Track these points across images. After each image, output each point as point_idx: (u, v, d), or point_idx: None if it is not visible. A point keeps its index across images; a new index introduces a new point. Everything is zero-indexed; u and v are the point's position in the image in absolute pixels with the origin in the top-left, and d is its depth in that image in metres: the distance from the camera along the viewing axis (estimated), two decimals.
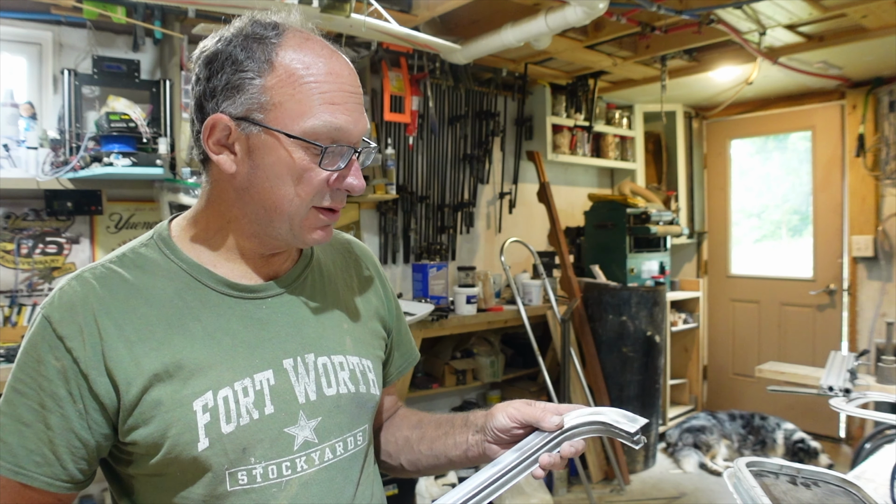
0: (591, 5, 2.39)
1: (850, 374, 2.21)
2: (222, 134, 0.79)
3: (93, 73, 2.48)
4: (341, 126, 0.78)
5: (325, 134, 0.77)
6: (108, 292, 0.78)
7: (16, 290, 2.42)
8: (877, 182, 3.92)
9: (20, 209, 2.44)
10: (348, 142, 0.79)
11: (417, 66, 3.34)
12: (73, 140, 2.38)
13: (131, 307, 0.78)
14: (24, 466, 0.74)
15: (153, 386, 0.75)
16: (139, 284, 0.80)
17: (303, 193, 0.79)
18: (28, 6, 2.35)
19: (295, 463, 0.81)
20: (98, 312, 0.76)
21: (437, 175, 3.68)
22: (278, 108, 0.76)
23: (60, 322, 0.75)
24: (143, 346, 0.76)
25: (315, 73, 0.77)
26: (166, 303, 0.80)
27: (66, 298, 0.77)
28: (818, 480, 0.99)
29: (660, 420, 3.99)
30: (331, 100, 0.77)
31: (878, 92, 3.88)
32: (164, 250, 0.84)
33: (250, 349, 0.81)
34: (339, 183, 0.81)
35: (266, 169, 0.78)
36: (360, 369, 0.90)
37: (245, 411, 0.78)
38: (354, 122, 0.79)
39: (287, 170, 0.78)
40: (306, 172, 0.78)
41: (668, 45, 3.25)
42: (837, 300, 4.18)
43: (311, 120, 0.76)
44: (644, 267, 4.07)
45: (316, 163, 0.78)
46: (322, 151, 0.77)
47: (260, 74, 0.76)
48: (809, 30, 3.06)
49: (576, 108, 4.07)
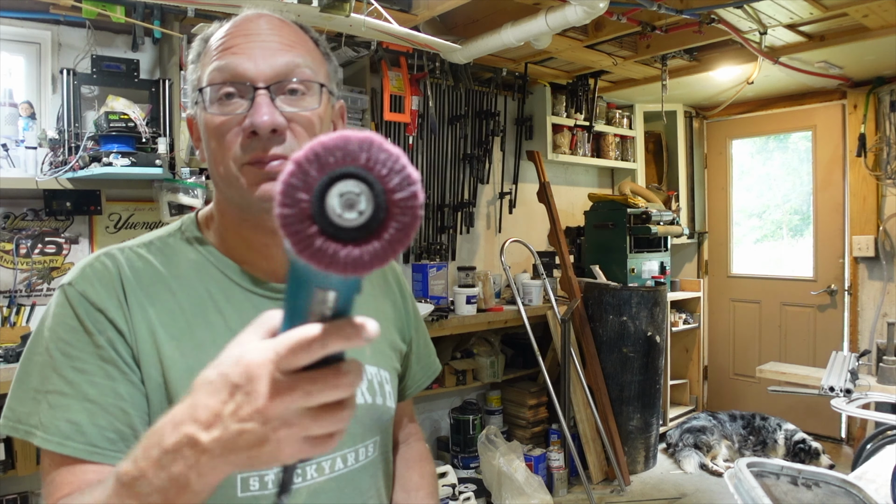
0: (592, 5, 2.38)
1: (851, 375, 2.21)
2: (196, 131, 0.81)
3: (92, 73, 2.47)
4: (230, 68, 0.73)
5: (210, 82, 0.74)
6: (135, 274, 0.76)
7: (15, 291, 2.41)
8: (878, 182, 3.91)
9: (19, 209, 2.44)
10: (244, 82, 0.74)
11: (417, 66, 3.34)
12: (72, 140, 2.37)
13: (155, 292, 0.76)
14: (96, 444, 0.70)
15: (171, 376, 0.74)
16: (165, 272, 0.78)
17: (222, 149, 0.75)
18: (27, 5, 2.35)
19: (305, 471, 0.79)
20: (128, 291, 0.74)
21: (437, 175, 3.68)
22: (196, 81, 0.78)
23: (97, 295, 0.73)
24: (165, 333, 0.75)
25: (221, 35, 0.76)
26: (191, 293, 0.78)
27: (99, 273, 0.75)
28: (819, 481, 0.98)
29: (660, 420, 3.98)
30: (223, 48, 0.75)
31: (880, 91, 3.87)
32: (191, 241, 0.83)
33: None
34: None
35: (204, 142, 0.79)
36: (377, 380, 0.89)
37: None
38: (252, 59, 0.73)
39: (207, 131, 0.76)
40: (211, 126, 0.75)
41: (669, 45, 3.25)
42: (838, 300, 4.17)
43: (206, 74, 0.75)
44: (644, 267, 4.06)
45: (210, 111, 0.74)
46: (201, 92, 0.74)
47: (195, 61, 0.79)
48: (810, 29, 3.05)
49: (576, 107, 4.07)
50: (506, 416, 3.75)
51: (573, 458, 3.42)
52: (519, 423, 3.74)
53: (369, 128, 3.14)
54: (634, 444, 3.74)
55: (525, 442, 3.64)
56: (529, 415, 3.70)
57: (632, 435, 3.73)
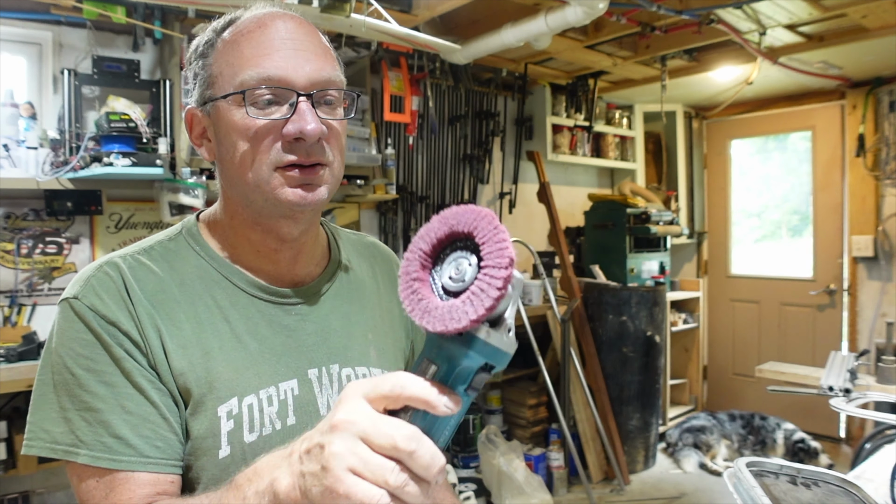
0: (591, 5, 2.38)
1: (850, 374, 2.21)
2: (199, 126, 0.80)
3: (93, 73, 2.48)
4: (270, 74, 0.74)
5: (254, 85, 0.74)
6: (139, 283, 0.75)
7: (16, 291, 2.42)
8: (877, 182, 3.92)
9: (20, 209, 2.44)
10: (288, 88, 0.75)
11: (417, 66, 3.34)
12: (72, 140, 2.38)
13: (160, 301, 0.75)
14: (147, 455, 0.70)
15: (180, 384, 0.74)
16: (168, 279, 0.77)
17: (254, 151, 0.75)
18: (28, 6, 2.35)
19: None
20: (135, 301, 0.74)
21: (437, 175, 3.68)
22: (220, 77, 0.77)
23: (107, 308, 0.72)
24: (172, 342, 0.74)
25: (246, 33, 0.76)
26: (195, 300, 0.77)
27: (105, 285, 0.74)
28: (818, 480, 0.99)
29: (660, 420, 3.99)
30: (260, 52, 0.75)
31: (879, 92, 3.87)
32: (193, 247, 0.82)
33: (276, 356, 0.79)
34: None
35: (223, 141, 0.77)
36: None
37: (269, 421, 0.76)
38: (293, 67, 0.74)
39: (234, 133, 0.75)
40: (248, 129, 0.74)
41: (668, 45, 3.25)
42: (837, 300, 4.17)
43: (240, 76, 0.75)
44: (644, 267, 4.07)
45: (251, 114, 0.74)
46: (244, 95, 0.74)
47: (208, 56, 0.78)
48: (809, 30, 3.06)
49: (576, 108, 4.07)
50: (506, 416, 3.75)
51: (573, 458, 3.42)
52: (519, 422, 3.75)
53: (369, 128, 3.15)
54: (634, 443, 3.75)
55: (525, 441, 3.65)
56: (529, 414, 3.71)
57: (631, 434, 3.73)
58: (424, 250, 0.50)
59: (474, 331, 0.46)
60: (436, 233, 0.49)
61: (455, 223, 0.48)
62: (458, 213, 0.49)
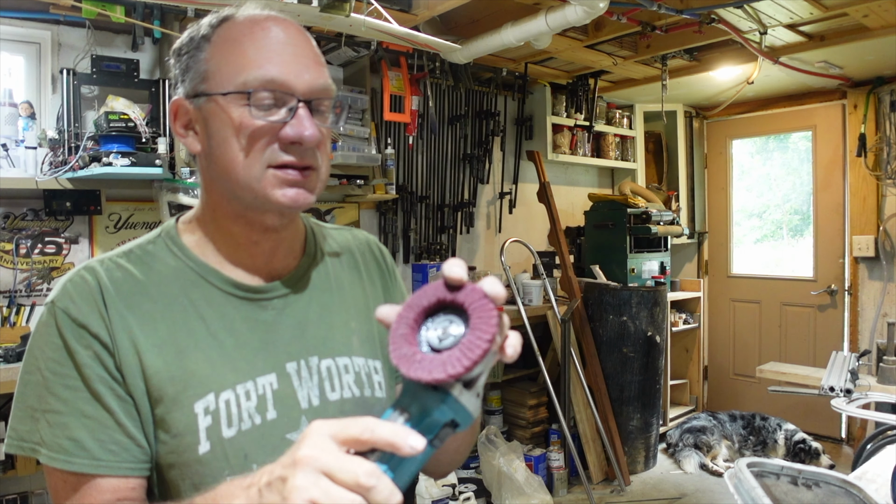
0: (592, 5, 2.38)
1: (852, 375, 2.21)
2: (185, 117, 0.82)
3: (92, 73, 2.47)
4: (274, 77, 0.76)
5: (258, 87, 0.76)
6: (114, 285, 0.78)
7: (14, 291, 2.41)
8: (878, 182, 3.91)
9: (19, 209, 2.44)
10: (288, 93, 0.78)
11: (417, 66, 3.33)
12: (71, 140, 2.37)
13: (135, 302, 0.77)
14: (100, 458, 0.72)
15: (153, 384, 0.75)
16: (145, 281, 0.79)
17: (248, 150, 0.77)
18: (27, 5, 2.35)
19: None
20: (108, 302, 0.76)
21: (437, 175, 3.68)
22: (216, 73, 0.78)
23: (79, 311, 0.75)
24: (146, 341, 0.76)
25: (248, 34, 0.78)
26: (171, 301, 0.79)
27: (78, 288, 0.76)
28: (819, 481, 0.98)
29: (660, 420, 3.98)
30: (263, 54, 0.77)
31: (880, 91, 3.87)
32: (171, 248, 0.83)
33: (253, 352, 0.80)
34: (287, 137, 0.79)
35: (215, 136, 0.79)
36: (366, 371, 0.89)
37: (247, 416, 0.77)
38: (294, 73, 0.77)
39: (230, 130, 0.77)
40: (245, 127, 0.76)
41: (669, 45, 3.25)
42: (838, 300, 4.17)
43: (242, 76, 0.76)
44: (644, 267, 4.06)
45: (251, 114, 0.76)
46: (248, 96, 0.76)
47: (202, 49, 0.80)
48: (810, 29, 3.05)
49: (576, 107, 4.07)
50: (506, 416, 3.75)
51: (573, 458, 3.41)
52: (519, 423, 3.74)
53: (369, 128, 3.14)
54: (634, 444, 3.74)
55: (525, 442, 3.64)
56: (529, 415, 3.70)
57: (632, 435, 3.73)
58: (416, 311, 0.56)
59: (449, 386, 0.51)
60: (428, 299, 0.56)
61: (444, 296, 0.55)
62: (449, 283, 0.56)
